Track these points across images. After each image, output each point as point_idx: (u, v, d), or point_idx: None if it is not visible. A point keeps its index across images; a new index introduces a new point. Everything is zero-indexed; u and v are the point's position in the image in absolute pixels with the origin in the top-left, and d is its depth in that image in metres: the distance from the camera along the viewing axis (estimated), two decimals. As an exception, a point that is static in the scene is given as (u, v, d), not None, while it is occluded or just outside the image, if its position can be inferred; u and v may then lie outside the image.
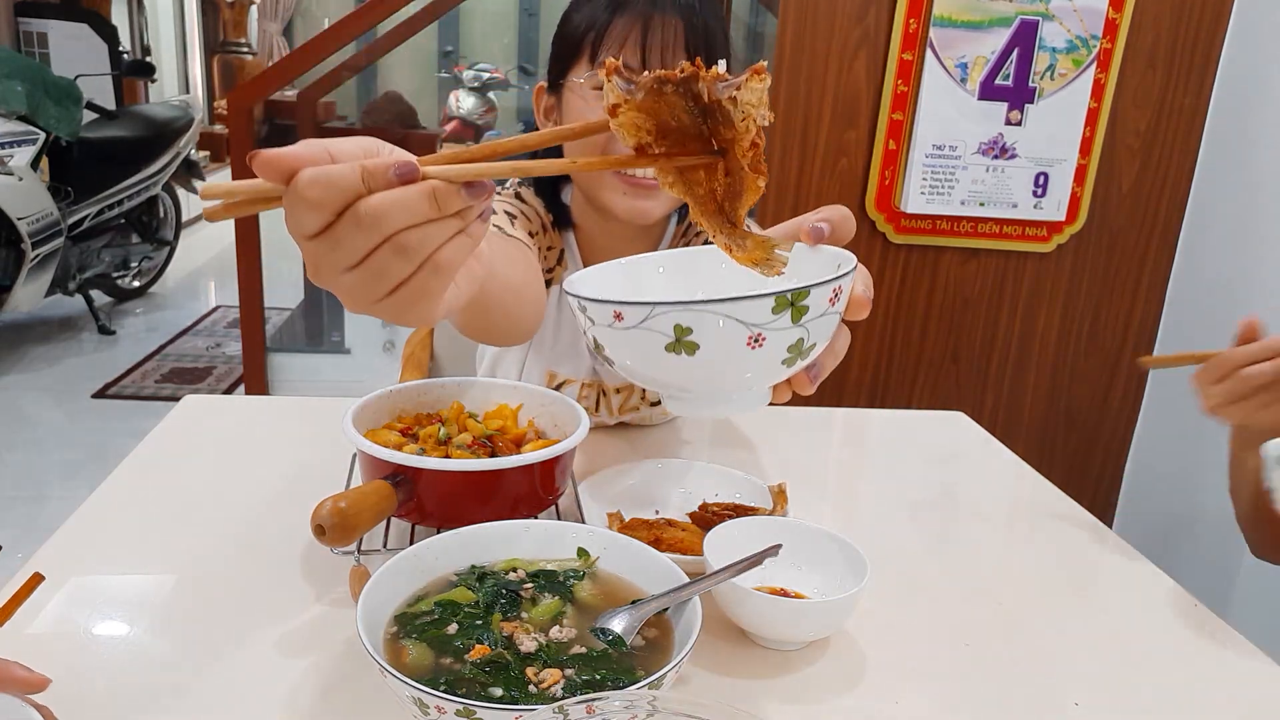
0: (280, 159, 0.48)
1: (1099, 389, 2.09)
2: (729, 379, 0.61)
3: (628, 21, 1.01)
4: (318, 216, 0.49)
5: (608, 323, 0.59)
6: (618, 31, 1.02)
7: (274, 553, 0.88)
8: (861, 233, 1.90)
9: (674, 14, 1.01)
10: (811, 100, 1.83)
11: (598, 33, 1.02)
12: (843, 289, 0.59)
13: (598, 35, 1.02)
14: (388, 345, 3.67)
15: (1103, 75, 1.84)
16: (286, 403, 1.36)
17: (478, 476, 0.82)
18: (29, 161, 3.68)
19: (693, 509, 0.94)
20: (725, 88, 0.54)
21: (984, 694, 0.76)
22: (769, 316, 0.56)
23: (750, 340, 0.57)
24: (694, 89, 0.56)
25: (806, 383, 0.65)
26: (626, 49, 1.01)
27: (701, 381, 0.61)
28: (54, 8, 5.29)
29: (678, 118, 0.58)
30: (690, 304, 0.56)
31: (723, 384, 0.62)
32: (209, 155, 6.92)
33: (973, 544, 1.02)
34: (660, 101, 0.57)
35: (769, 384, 0.64)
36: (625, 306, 0.58)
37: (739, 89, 0.54)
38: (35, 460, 3.09)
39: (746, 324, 0.56)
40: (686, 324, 0.56)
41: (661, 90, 0.56)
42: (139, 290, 4.84)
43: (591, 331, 0.62)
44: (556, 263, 1.21)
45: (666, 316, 0.57)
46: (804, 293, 0.56)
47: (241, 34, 7.85)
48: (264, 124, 6.75)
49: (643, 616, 0.67)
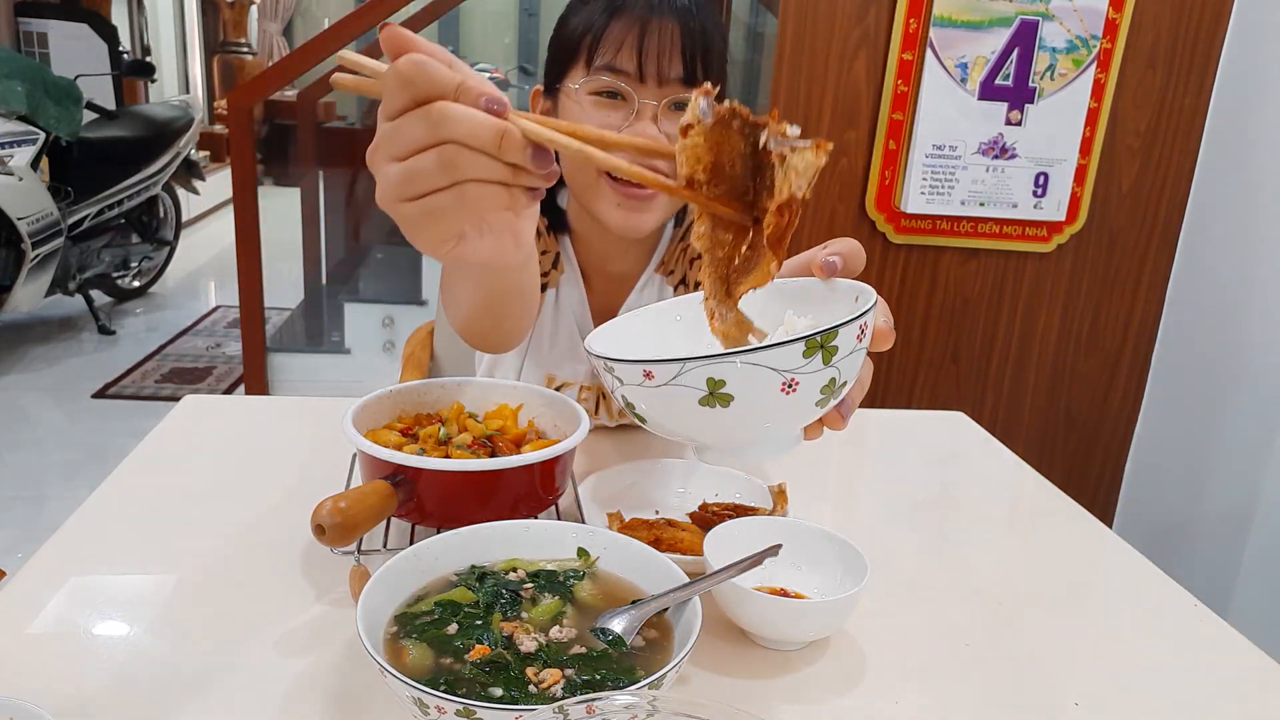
0: (401, 35, 0.51)
1: (1099, 389, 2.09)
2: (764, 426, 0.61)
3: (624, 25, 1.01)
4: (401, 97, 0.51)
5: (637, 382, 0.59)
6: (614, 35, 1.01)
7: (274, 553, 0.88)
8: (862, 233, 1.91)
9: (671, 18, 1.00)
10: (811, 100, 1.83)
11: (594, 36, 1.02)
12: (868, 324, 0.60)
13: (594, 39, 1.02)
14: (388, 345, 3.67)
15: (1103, 75, 1.84)
16: (286, 403, 1.36)
17: (478, 476, 0.82)
18: (29, 161, 3.68)
19: (693, 509, 0.94)
20: (781, 143, 0.55)
21: (984, 694, 0.76)
22: (800, 361, 0.56)
23: (784, 386, 0.57)
24: (758, 135, 0.57)
25: (839, 419, 0.66)
26: (623, 53, 1.01)
27: (736, 431, 0.61)
28: (54, 8, 5.29)
29: (733, 165, 0.58)
30: (721, 357, 0.56)
31: (758, 432, 0.62)
32: (209, 155, 6.92)
33: (973, 544, 1.02)
34: (725, 138, 0.57)
35: (803, 425, 0.64)
36: (655, 365, 0.57)
37: (793, 151, 0.54)
38: (35, 460, 3.09)
39: (779, 371, 0.56)
40: (719, 377, 0.56)
41: (730, 124, 0.57)
42: (139, 290, 4.84)
43: (620, 391, 0.61)
44: (552, 266, 1.21)
45: (698, 371, 0.56)
46: (833, 333, 0.56)
47: (241, 34, 7.85)
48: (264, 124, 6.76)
49: (643, 616, 0.67)
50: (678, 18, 1.01)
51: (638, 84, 1.02)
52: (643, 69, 1.01)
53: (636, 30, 1.01)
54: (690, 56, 1.02)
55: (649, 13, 1.01)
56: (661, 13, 1.01)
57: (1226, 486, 1.86)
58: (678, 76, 1.02)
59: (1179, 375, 2.03)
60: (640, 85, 1.02)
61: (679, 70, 1.01)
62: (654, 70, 1.01)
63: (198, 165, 4.96)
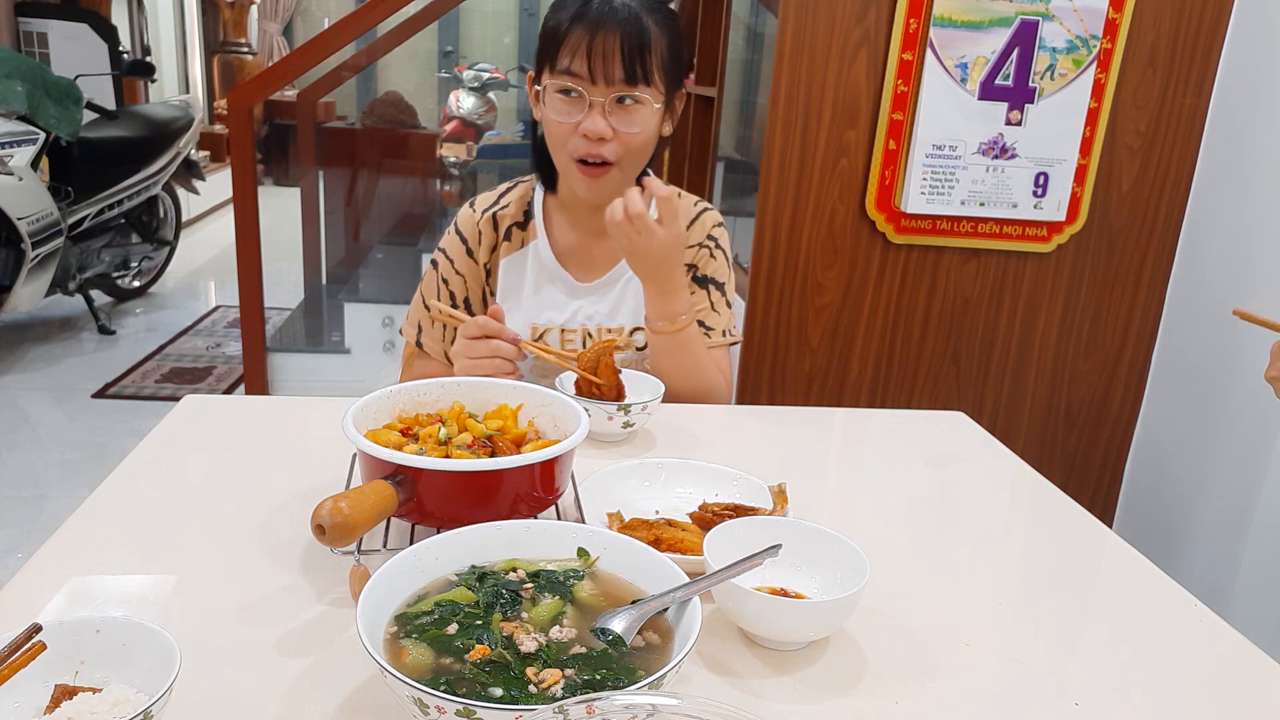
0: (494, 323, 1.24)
1: (1099, 389, 2.09)
2: None
3: (578, 35, 1.27)
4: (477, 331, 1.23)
5: None
6: (571, 43, 1.28)
7: (274, 553, 0.88)
8: (862, 233, 1.91)
9: (614, 28, 1.27)
10: (811, 100, 1.83)
11: (556, 42, 1.29)
12: None
13: (556, 45, 1.29)
14: (388, 345, 3.67)
15: (1103, 75, 1.84)
16: (286, 403, 1.36)
17: (478, 476, 0.82)
18: (29, 161, 3.68)
19: (693, 509, 0.94)
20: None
21: (984, 694, 0.76)
22: None
23: None
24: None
25: None
26: (576, 58, 1.28)
27: None
28: (54, 8, 5.29)
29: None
30: None
31: None
32: (209, 155, 6.92)
33: (973, 544, 1.02)
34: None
35: None
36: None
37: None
38: (35, 460, 3.09)
39: None
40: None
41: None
42: (139, 290, 4.84)
43: None
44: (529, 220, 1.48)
45: None
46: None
47: (241, 34, 7.84)
48: (264, 124, 6.75)
49: (643, 616, 0.67)
50: (619, 28, 1.27)
51: (589, 84, 1.29)
52: (592, 71, 1.28)
53: (586, 39, 1.27)
54: (630, 60, 1.28)
55: (596, 25, 1.27)
56: (605, 25, 1.27)
57: (1226, 486, 1.86)
58: (620, 77, 1.29)
59: (1179, 375, 2.03)
60: (591, 85, 1.29)
61: (620, 73, 1.28)
62: (601, 73, 1.28)
63: (198, 165, 4.95)
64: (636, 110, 1.31)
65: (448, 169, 5.16)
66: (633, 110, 1.31)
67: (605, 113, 1.30)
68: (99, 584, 0.82)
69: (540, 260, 1.46)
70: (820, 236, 1.90)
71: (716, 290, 1.48)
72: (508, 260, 1.47)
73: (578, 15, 1.28)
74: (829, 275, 1.93)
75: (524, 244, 1.47)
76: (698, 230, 1.49)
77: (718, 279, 1.48)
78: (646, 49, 1.28)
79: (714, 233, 1.50)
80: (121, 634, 0.65)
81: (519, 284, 1.47)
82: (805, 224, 1.89)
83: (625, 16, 1.27)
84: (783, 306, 1.92)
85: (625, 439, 1.20)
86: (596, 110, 1.29)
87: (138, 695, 0.61)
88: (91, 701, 0.60)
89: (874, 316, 1.97)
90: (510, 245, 1.48)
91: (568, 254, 1.46)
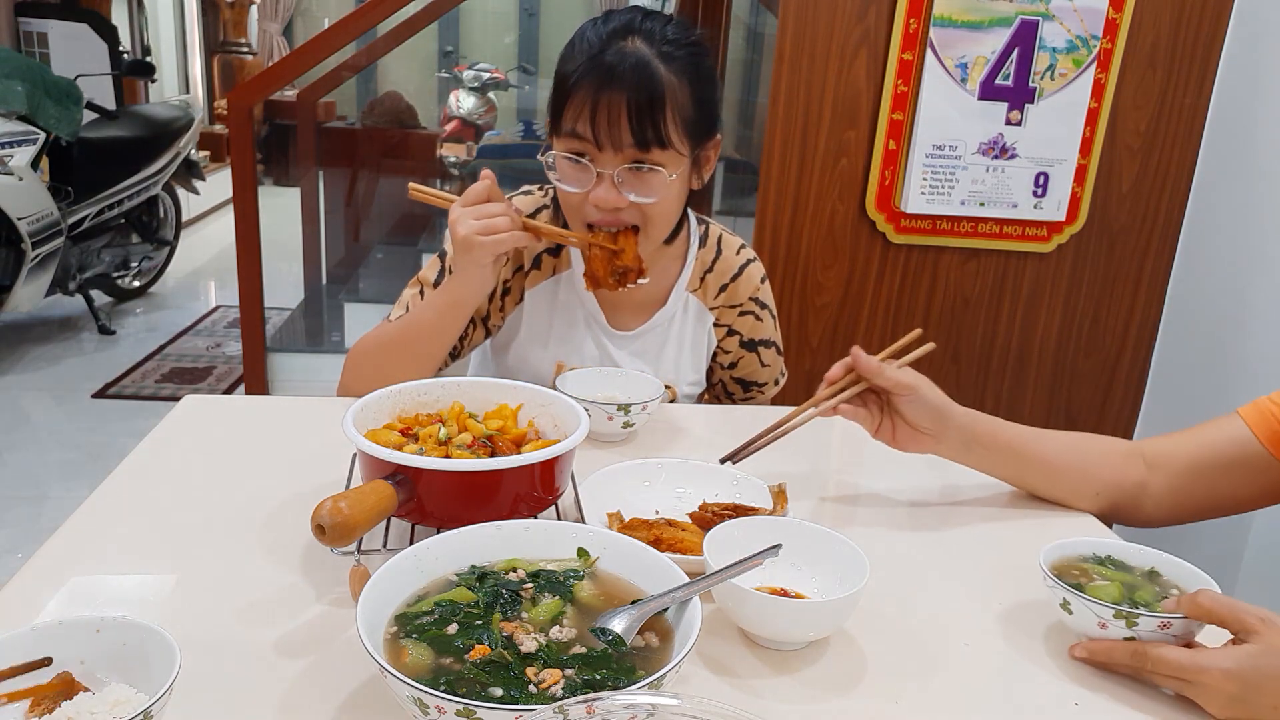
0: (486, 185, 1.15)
1: (1099, 389, 2.09)
2: None
3: (581, 97, 1.13)
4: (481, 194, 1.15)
5: None
6: (575, 105, 1.14)
7: (274, 553, 0.88)
8: (862, 232, 1.91)
9: (619, 91, 1.12)
10: (811, 100, 1.83)
11: (561, 103, 1.16)
12: None
13: (561, 105, 1.16)
14: (388, 345, 3.66)
15: (1103, 75, 1.84)
16: (286, 403, 1.36)
17: (478, 476, 0.82)
18: (29, 161, 3.68)
19: (693, 509, 0.94)
20: None
21: (984, 694, 0.76)
22: None
23: None
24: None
25: None
26: (581, 122, 1.14)
27: None
28: (54, 8, 5.29)
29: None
30: None
31: None
32: (209, 155, 6.92)
33: (973, 543, 1.02)
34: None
35: None
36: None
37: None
38: (35, 460, 3.09)
39: None
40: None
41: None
42: (139, 290, 4.84)
43: None
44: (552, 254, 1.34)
45: None
46: None
47: (241, 34, 7.84)
48: (264, 124, 6.76)
49: (643, 616, 0.67)
50: (626, 86, 1.11)
51: (596, 151, 1.15)
52: (597, 136, 1.14)
53: (590, 100, 1.13)
54: (640, 124, 1.12)
55: (601, 82, 1.12)
56: (610, 86, 1.11)
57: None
58: (630, 143, 1.13)
59: (1179, 375, 2.02)
60: (599, 152, 1.15)
61: (629, 139, 1.13)
62: (608, 139, 1.13)
63: (198, 165, 4.95)
64: (653, 176, 1.16)
65: (448, 169, 5.16)
66: (648, 177, 1.16)
67: (617, 182, 1.16)
68: (99, 584, 0.82)
69: (573, 295, 1.32)
70: (820, 236, 1.90)
71: (765, 348, 1.42)
72: (533, 292, 1.33)
73: (583, 69, 1.13)
74: (829, 275, 1.93)
75: (555, 272, 1.33)
76: (744, 287, 1.38)
77: (768, 339, 1.42)
78: (659, 107, 1.12)
79: (760, 294, 1.39)
80: (121, 634, 0.65)
81: (546, 321, 1.33)
82: (805, 224, 1.89)
83: (634, 69, 1.11)
84: (783, 306, 1.92)
85: (625, 439, 1.20)
86: (606, 180, 1.16)
87: (138, 695, 0.61)
88: (91, 701, 0.60)
89: (874, 316, 1.97)
90: (540, 274, 1.33)
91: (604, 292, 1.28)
